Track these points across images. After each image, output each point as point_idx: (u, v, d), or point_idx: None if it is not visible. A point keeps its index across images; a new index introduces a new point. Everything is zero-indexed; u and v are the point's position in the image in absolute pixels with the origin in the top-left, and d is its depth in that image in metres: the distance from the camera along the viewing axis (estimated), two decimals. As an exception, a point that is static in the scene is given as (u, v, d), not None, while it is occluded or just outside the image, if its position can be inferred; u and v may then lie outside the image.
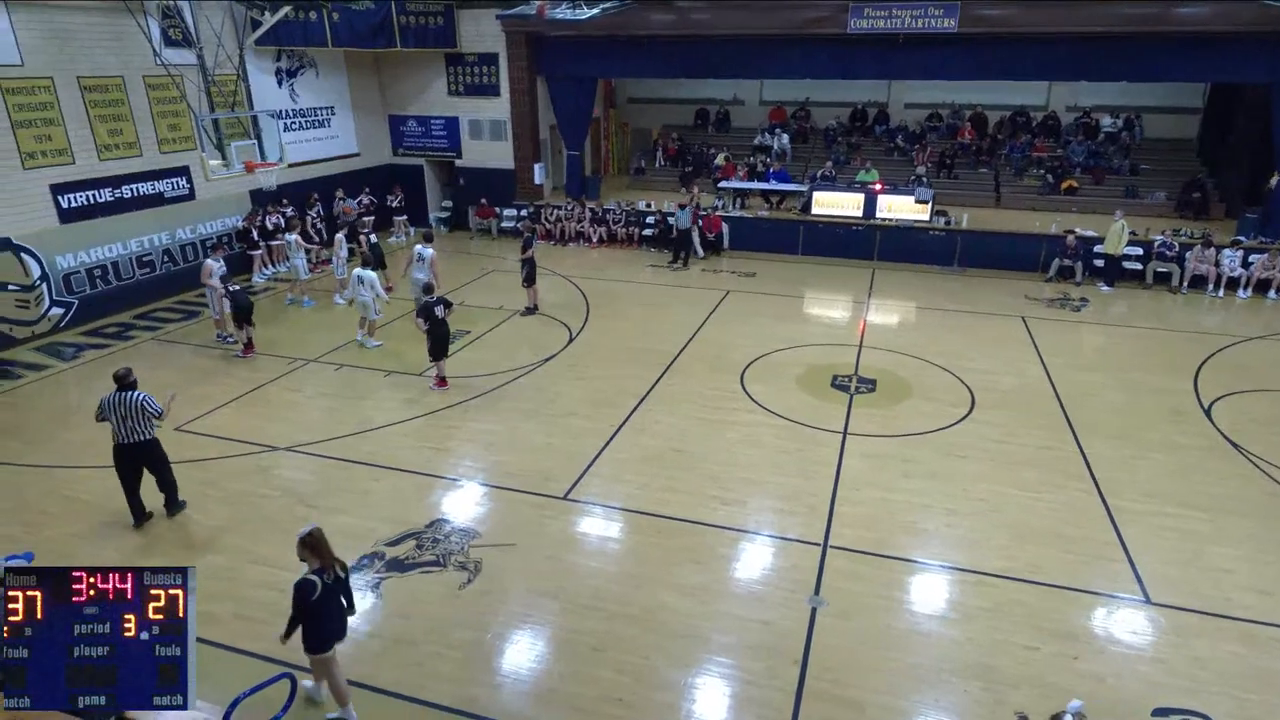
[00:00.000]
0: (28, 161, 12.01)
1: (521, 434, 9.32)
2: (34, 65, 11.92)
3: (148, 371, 11.23)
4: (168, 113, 13.96)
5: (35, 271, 12.35)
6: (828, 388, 10.56)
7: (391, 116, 19.87)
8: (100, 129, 12.98)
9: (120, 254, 13.64)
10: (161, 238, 14.28)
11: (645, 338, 12.41)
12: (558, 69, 18.75)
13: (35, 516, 7.69)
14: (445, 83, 19.05)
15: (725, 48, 17.19)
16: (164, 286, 14.32)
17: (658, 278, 16.06)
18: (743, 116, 22.93)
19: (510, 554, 7.03)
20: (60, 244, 12.65)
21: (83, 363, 11.67)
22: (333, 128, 18.25)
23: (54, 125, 12.30)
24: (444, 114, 19.42)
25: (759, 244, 17.72)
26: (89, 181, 12.92)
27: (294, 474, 8.49)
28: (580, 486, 8.14)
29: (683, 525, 7.44)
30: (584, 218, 18.70)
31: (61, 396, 10.53)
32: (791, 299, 14.65)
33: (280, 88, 16.63)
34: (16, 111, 11.76)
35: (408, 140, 20.03)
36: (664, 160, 22.12)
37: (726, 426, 9.43)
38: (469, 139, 19.48)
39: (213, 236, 15.05)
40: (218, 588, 6.53)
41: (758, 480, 8.23)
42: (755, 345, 12.02)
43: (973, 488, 8.15)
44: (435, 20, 17.94)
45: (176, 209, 14.45)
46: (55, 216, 12.53)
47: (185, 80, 12.45)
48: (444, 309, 10.41)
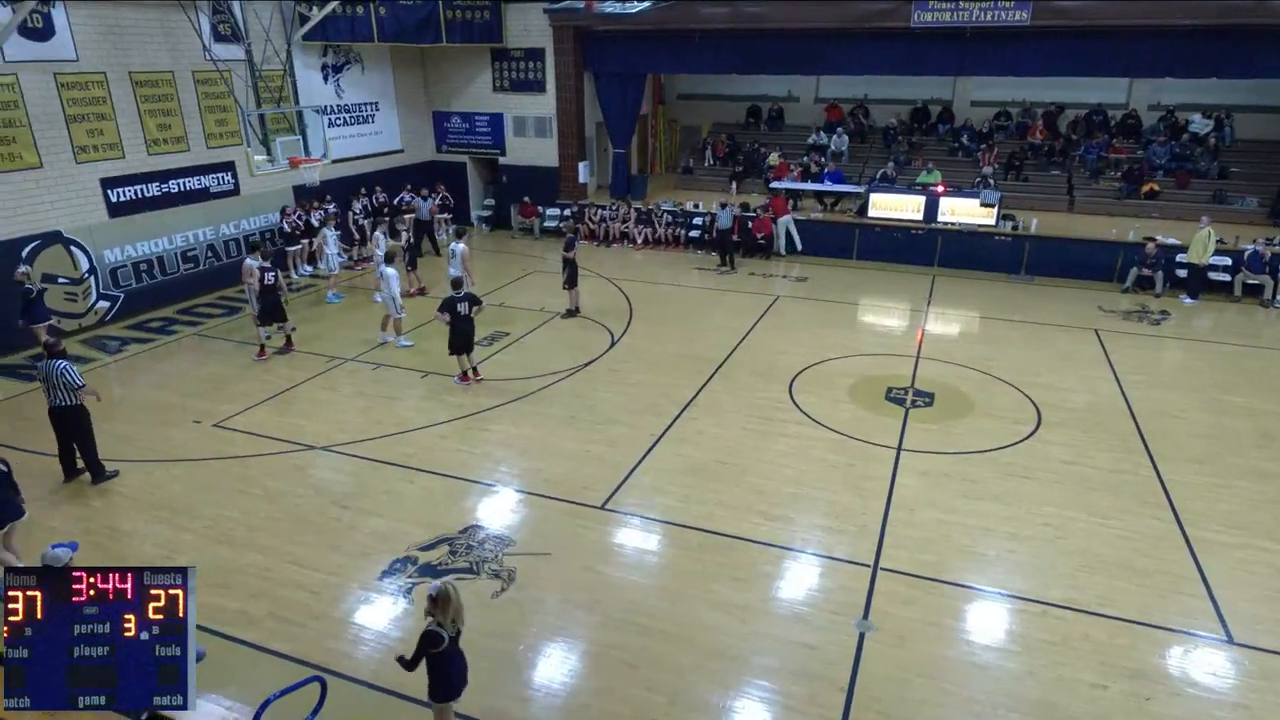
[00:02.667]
0: (80, 155, 12.60)
1: (559, 440, 9.38)
2: (89, 61, 12.50)
3: (190, 367, 11.68)
4: (215, 108, 14.50)
5: (84, 265, 12.92)
6: (882, 400, 10.40)
7: (435, 113, 20.28)
8: (150, 123, 13.54)
9: (165, 249, 14.19)
10: (206, 233, 14.81)
11: (690, 343, 12.39)
12: (605, 64, 18.90)
13: (77, 508, 8.03)
14: (490, 78, 19.37)
15: (780, 42, 17.10)
16: (207, 282, 14.85)
17: (704, 281, 16.03)
18: (797, 114, 22.76)
19: (545, 563, 7.08)
20: (108, 238, 13.22)
21: (126, 357, 12.16)
22: (376, 124, 18.71)
23: (106, 120, 12.88)
24: (488, 110, 19.74)
25: (812, 247, 17.57)
26: (138, 176, 13.48)
27: (329, 474, 8.71)
28: (619, 496, 8.16)
29: (724, 540, 7.40)
30: (629, 218, 18.78)
31: (104, 389, 10.96)
32: (845, 306, 14.48)
33: (326, 83, 17.12)
34: (71, 106, 12.34)
35: (451, 137, 20.42)
36: (713, 159, 22.07)
37: (773, 438, 9.35)
38: (513, 136, 19.76)
39: (255, 232, 15.56)
40: (256, 586, 6.73)
41: (805, 496, 8.14)
42: (805, 353, 11.91)
43: (1038, 511, 7.93)
44: (482, 15, 18.26)
45: (221, 204, 14.98)
46: (104, 210, 13.10)
47: (233, 75, 12.91)
48: (469, 306, 10.56)
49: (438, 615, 4.79)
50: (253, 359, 11.79)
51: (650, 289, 15.38)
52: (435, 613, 4.79)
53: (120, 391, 10.90)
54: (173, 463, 8.88)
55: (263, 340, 11.85)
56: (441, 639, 4.77)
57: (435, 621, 4.78)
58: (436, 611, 4.79)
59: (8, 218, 11.78)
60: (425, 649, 4.80)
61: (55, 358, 8.03)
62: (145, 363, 11.97)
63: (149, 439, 9.38)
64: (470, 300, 10.67)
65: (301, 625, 6.31)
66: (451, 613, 4.82)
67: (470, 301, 10.66)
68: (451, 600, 4.79)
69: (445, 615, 4.81)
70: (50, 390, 8.07)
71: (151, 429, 9.65)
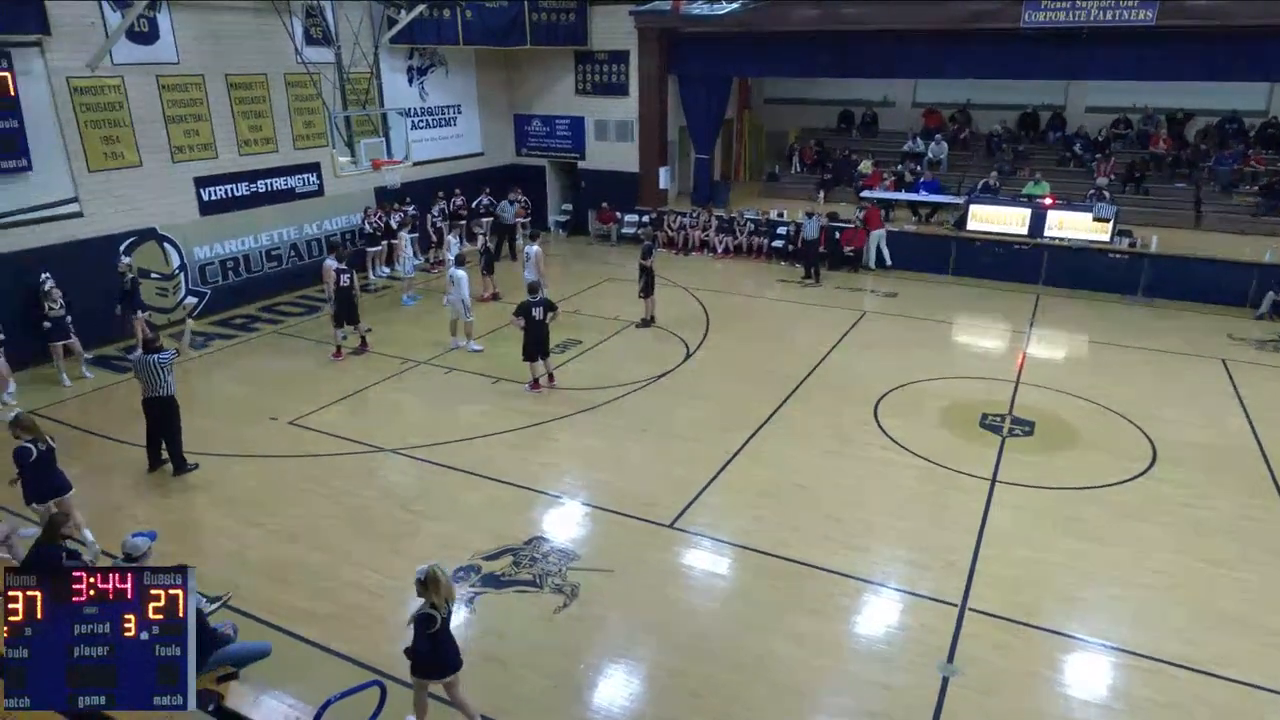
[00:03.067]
0: (176, 155, 13.50)
1: (628, 454, 9.44)
2: (189, 63, 13.40)
3: (268, 364, 12.30)
4: (304, 110, 15.28)
5: (175, 261, 13.80)
6: (976, 427, 10.09)
7: (517, 116, 20.81)
8: (243, 124, 14.39)
9: (251, 247, 15.02)
10: (289, 232, 15.60)
11: (769, 358, 12.30)
12: (691, 67, 19.02)
13: (157, 498, 8.55)
14: (573, 81, 19.75)
15: (876, 45, 16.85)
16: (289, 281, 15.62)
17: (787, 293, 15.89)
18: (892, 120, 22.35)
19: (609, 581, 7.11)
20: (199, 235, 14.09)
21: (210, 352, 12.89)
22: (458, 126, 19.33)
23: (201, 121, 13.76)
24: (569, 114, 20.13)
25: (904, 261, 17.19)
26: (228, 175, 14.34)
27: (397, 477, 9.00)
28: (688, 515, 8.14)
29: (799, 568, 7.29)
30: (710, 225, 18.78)
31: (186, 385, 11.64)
32: (938, 324, 14.11)
33: (410, 85, 17.81)
34: (170, 107, 13.25)
35: (531, 140, 20.90)
36: (800, 166, 21.90)
37: (855, 462, 9.18)
38: (594, 140, 20.08)
39: (336, 233, 16.29)
40: (319, 585, 7.00)
41: (888, 525, 7.95)
42: (893, 374, 11.66)
43: (1149, 556, 7.50)
44: (567, 17, 18.67)
45: (305, 204, 15.75)
46: (196, 209, 13.97)
47: (322, 78, 13.58)
48: (543, 311, 10.74)
49: (430, 597, 5.12)
50: (328, 359, 12.30)
51: (729, 300, 15.33)
52: (427, 595, 5.12)
53: (204, 386, 11.56)
54: (247, 458, 9.35)
55: (339, 341, 12.36)
56: (436, 619, 5.11)
57: (429, 603, 5.11)
58: (428, 593, 5.12)
59: (109, 214, 12.70)
60: (423, 631, 5.11)
61: (153, 352, 8.64)
62: (227, 358, 12.67)
63: (227, 434, 9.91)
64: (545, 305, 10.87)
65: (363, 627, 6.52)
66: (443, 593, 5.17)
67: (545, 307, 10.86)
68: (441, 581, 5.16)
69: (438, 596, 5.14)
70: (147, 382, 8.64)
71: (229, 424, 10.19)
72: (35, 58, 11.47)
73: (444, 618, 5.17)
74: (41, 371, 11.55)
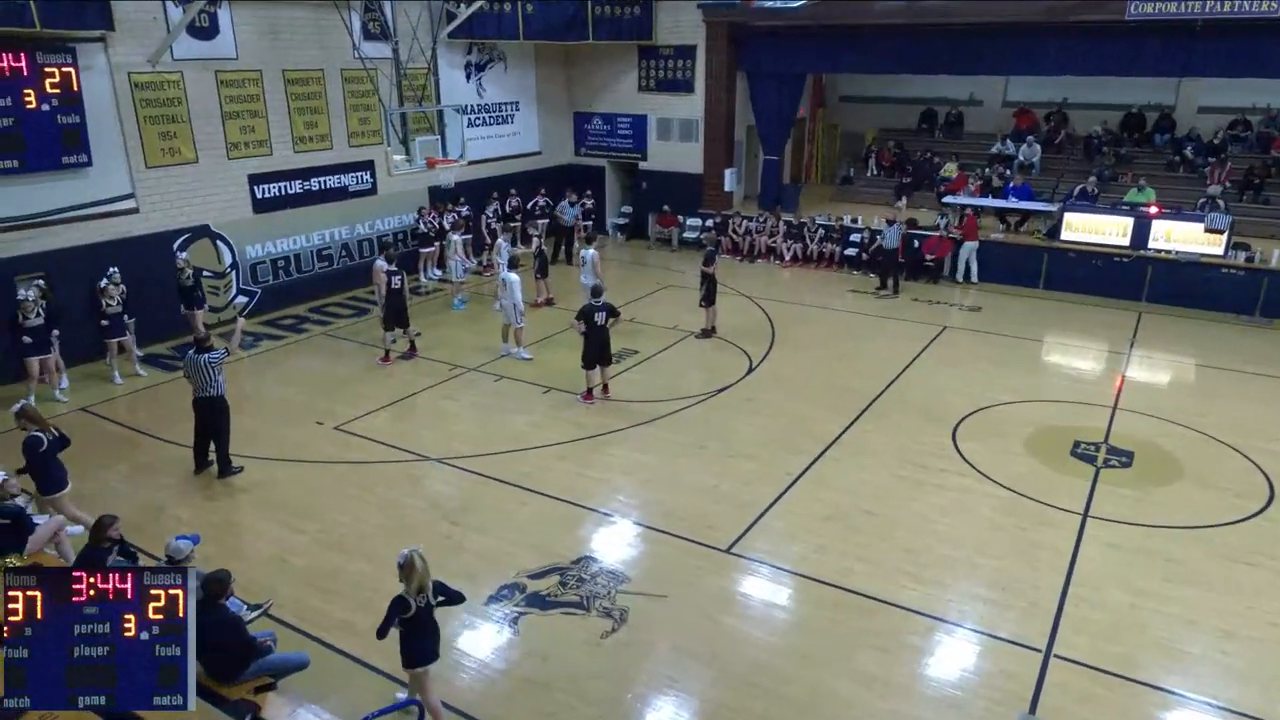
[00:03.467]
0: (232, 151, 14.06)
1: (685, 471, 9.41)
2: (247, 59, 13.97)
3: (317, 366, 12.67)
4: (359, 106, 15.76)
5: (227, 259, 14.36)
6: (1066, 456, 9.79)
7: (576, 113, 21.07)
8: (298, 121, 14.92)
9: (303, 246, 15.53)
10: (341, 232, 16.08)
11: (838, 374, 12.16)
12: (761, 64, 18.97)
13: (202, 500, 8.87)
14: (636, 78, 19.91)
15: (963, 39, 16.54)
16: (339, 281, 16.09)
17: (859, 305, 15.68)
18: (979, 120, 21.90)
19: (661, 606, 7.09)
20: (251, 234, 14.63)
21: (259, 352, 13.35)
22: (515, 124, 19.67)
23: (258, 117, 14.31)
24: (631, 111, 20.28)
25: (991, 273, 16.79)
26: (283, 173, 14.87)
27: (442, 487, 9.15)
28: (747, 540, 8.07)
29: (866, 602, 7.17)
30: (777, 231, 18.67)
31: (235, 384, 12.04)
32: (1026, 342, 13.75)
33: (468, 82, 18.21)
34: (228, 103, 13.83)
35: (590, 139, 21.12)
36: (877, 169, 21.63)
37: (930, 489, 9.00)
38: (656, 139, 20.19)
39: (389, 233, 16.69)
40: (361, 597, 7.15)
41: (964, 559, 7.77)
42: (975, 394, 11.41)
43: (1262, 606, 7.14)
44: (631, 11, 18.85)
45: (358, 204, 16.23)
46: (250, 206, 14.53)
47: (379, 73, 13.98)
48: (606, 316, 10.80)
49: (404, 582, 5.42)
50: (376, 363, 12.60)
51: (797, 311, 15.20)
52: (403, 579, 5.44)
53: (251, 387, 11.96)
54: (293, 462, 9.63)
55: (387, 345, 12.66)
56: (409, 605, 5.39)
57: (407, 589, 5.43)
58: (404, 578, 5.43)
59: (165, 210, 13.30)
60: (394, 614, 5.43)
61: (203, 351, 8.97)
62: (275, 359, 13.10)
63: (273, 437, 10.23)
64: (608, 310, 10.93)
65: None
66: (417, 581, 5.42)
67: (608, 312, 10.92)
68: (416, 568, 5.41)
69: (411, 584, 5.42)
70: (197, 381, 8.97)
71: (276, 426, 10.52)
72: (98, 54, 12.10)
73: (419, 606, 5.41)
74: (95, 368, 12.12)
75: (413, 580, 5.42)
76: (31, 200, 11.68)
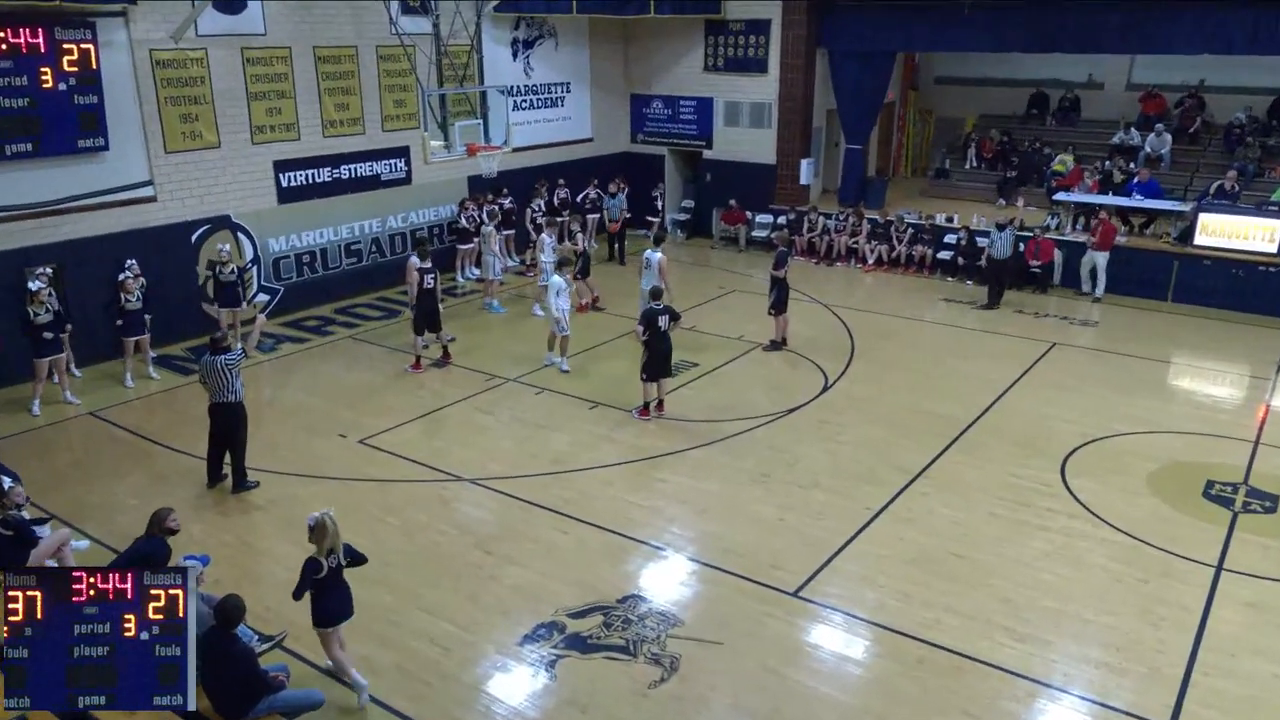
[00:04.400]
0: (256, 136, 14.54)
1: (748, 502, 9.39)
2: (275, 35, 14.46)
3: (341, 373, 12.98)
4: (395, 86, 16.16)
5: (249, 253, 14.82)
6: (1197, 497, 9.56)
7: (634, 96, 21.27)
8: (329, 103, 15.37)
9: (330, 240, 15.95)
10: (373, 225, 16.47)
11: (927, 395, 12.03)
12: (845, 40, 18.93)
13: (216, 517, 9.15)
14: (701, 56, 20.02)
15: (1082, 13, 16.27)
16: (368, 280, 16.48)
17: (954, 316, 15.50)
18: (1098, 105, 21.53)
19: (717, 655, 7.06)
20: (274, 225, 15.09)
21: (279, 356, 13.74)
22: (566, 108, 19.93)
23: (285, 98, 14.77)
24: (696, 94, 20.39)
25: (1109, 282, 16.42)
26: (310, 160, 15.32)
27: (475, 511, 9.29)
28: (817, 583, 8.02)
29: (954, 659, 7.06)
30: (860, 230, 18.53)
31: (254, 390, 12.41)
32: (1151, 363, 13.44)
33: (514, 60, 18.53)
34: (254, 83, 14.31)
35: (649, 125, 21.29)
36: (977, 161, 21.40)
37: (1033, 531, 8.85)
38: (723, 125, 20.25)
39: (423, 227, 17.02)
40: (384, 631, 7.29)
41: (1073, 614, 7.62)
42: (1088, 423, 11.21)
43: None
44: (698, -19, 18.99)
45: (391, 194, 16.62)
46: (274, 195, 14.99)
47: (417, 51, 14.31)
48: (670, 320, 10.84)
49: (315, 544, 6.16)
50: (405, 370, 12.85)
51: (880, 322, 15.06)
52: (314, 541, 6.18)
53: (270, 394, 12.30)
54: (313, 478, 9.87)
55: (418, 351, 12.89)
56: (321, 566, 6.16)
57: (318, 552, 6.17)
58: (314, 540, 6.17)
59: (184, 198, 13.81)
60: (308, 577, 6.17)
61: (220, 352, 9.22)
62: (298, 363, 13.46)
63: (293, 449, 10.50)
64: (670, 314, 10.98)
65: (427, 684, 6.73)
66: (329, 542, 6.19)
67: (670, 316, 10.98)
68: (328, 530, 6.19)
69: (322, 545, 6.17)
70: (214, 386, 9.19)
71: (296, 438, 10.79)
72: (119, 29, 12.64)
73: (331, 568, 6.23)
74: (108, 369, 12.62)
75: (324, 542, 6.18)
76: (43, 187, 12.22)
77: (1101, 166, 18.75)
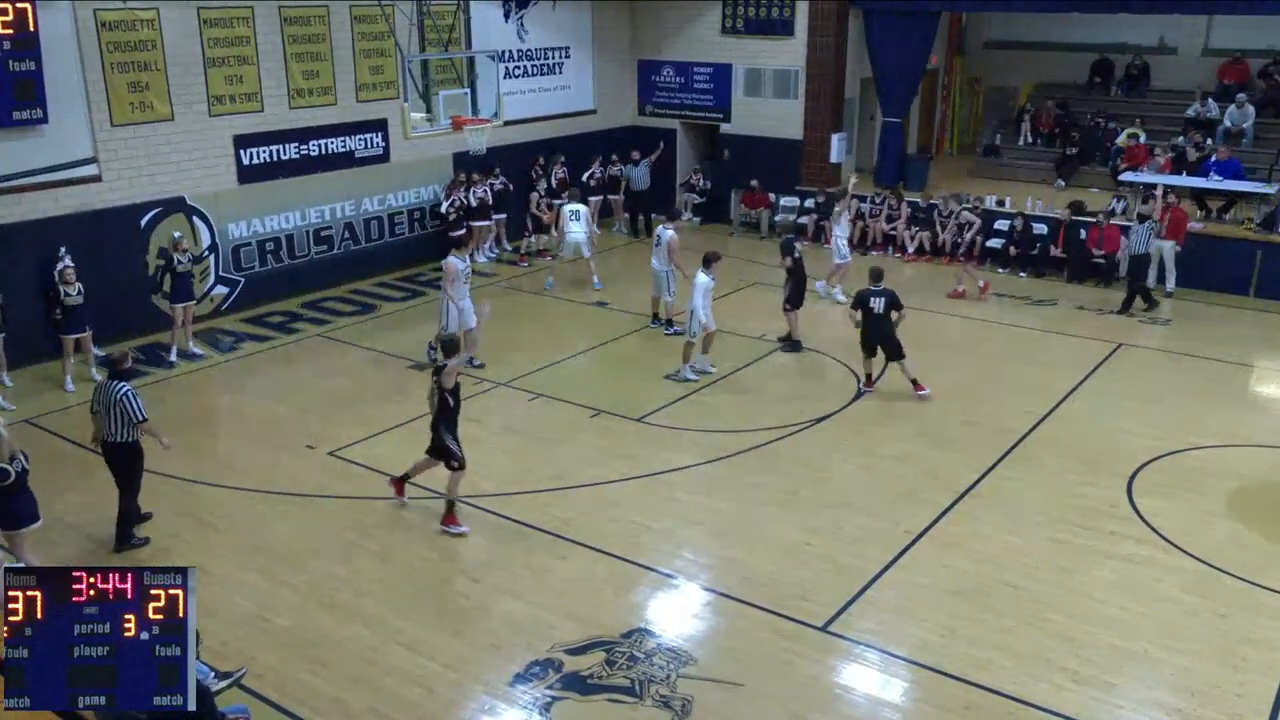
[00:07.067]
0: (214, 107, 14.60)
1: (770, 524, 9.39)
2: (236, -8, 14.50)
3: (310, 376, 13.00)
4: (371, 51, 16.22)
5: (205, 240, 14.85)
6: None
7: (641, 62, 21.31)
8: (296, 70, 15.43)
9: (297, 224, 16.00)
10: (345, 208, 16.53)
11: (976, 403, 12.07)
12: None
13: (164, 539, 9.15)
14: (719, 17, 20.05)
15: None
16: (340, 270, 16.56)
17: (1005, 312, 15.55)
18: (1170, 74, 21.56)
19: (735, 697, 7.05)
20: (234, 209, 15.15)
21: (240, 356, 13.79)
22: (564, 75, 19.98)
23: (247, 64, 14.83)
24: (712, 60, 20.43)
25: (1183, 274, 16.41)
26: (275, 134, 15.39)
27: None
28: (849, 616, 8.01)
29: (1007, 704, 7.04)
30: (899, 214, 18.53)
31: (210, 396, 12.50)
32: (1231, 367, 13.46)
33: (507, 22, 18.58)
34: (211, 47, 14.37)
35: (659, 95, 21.33)
36: (1032, 136, 21.46)
37: (1097, 559, 8.84)
38: (742, 95, 20.29)
39: (403, 210, 17.05)
40: (358, 669, 7.30)
41: (1142, 653, 7.60)
42: (1160, 435, 11.21)
43: None
44: (715, -69, 19.03)
45: (367, 173, 16.69)
46: (234, 175, 15.04)
47: (396, 11, 14.35)
48: (885, 304, 11.87)
49: None
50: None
51: (922, 319, 14.97)
52: None
53: (228, 399, 12.32)
54: (279, 495, 9.88)
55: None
56: (8, 473, 7.49)
57: None
58: None
59: (132, 178, 13.85)
60: None
61: (119, 378, 8.68)
62: (260, 365, 13.49)
63: (255, 462, 10.52)
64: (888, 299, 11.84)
65: (408, 731, 6.72)
66: (7, 450, 7.53)
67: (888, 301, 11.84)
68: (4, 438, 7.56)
69: (3, 453, 7.49)
70: (105, 419, 8.58)
71: (259, 450, 10.82)
72: (61, -14, 12.70)
73: (16, 472, 7.54)
74: (45, 371, 12.68)
75: (2, 450, 7.46)
76: (-28, 164, 12.25)
77: (1174, 143, 18.73)
